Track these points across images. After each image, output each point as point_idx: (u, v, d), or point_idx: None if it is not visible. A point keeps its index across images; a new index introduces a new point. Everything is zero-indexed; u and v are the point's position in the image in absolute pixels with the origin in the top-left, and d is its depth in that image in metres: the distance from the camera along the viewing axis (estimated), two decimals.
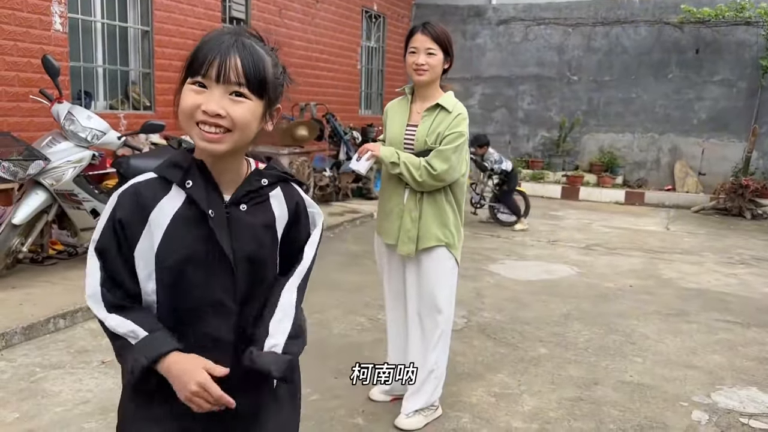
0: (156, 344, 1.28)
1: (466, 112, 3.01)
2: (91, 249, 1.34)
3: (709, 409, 3.44)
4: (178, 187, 1.32)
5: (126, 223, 1.31)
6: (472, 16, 13.18)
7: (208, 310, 1.33)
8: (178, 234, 1.30)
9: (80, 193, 4.89)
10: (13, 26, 5.55)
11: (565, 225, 8.99)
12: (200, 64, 1.25)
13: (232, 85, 1.26)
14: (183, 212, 1.31)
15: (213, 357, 1.31)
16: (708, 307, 5.28)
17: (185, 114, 1.28)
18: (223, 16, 8.15)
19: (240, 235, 1.33)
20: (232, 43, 1.27)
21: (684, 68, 11.60)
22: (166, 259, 1.31)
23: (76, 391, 3.34)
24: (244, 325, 1.37)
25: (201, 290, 1.32)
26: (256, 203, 1.37)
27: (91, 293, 1.33)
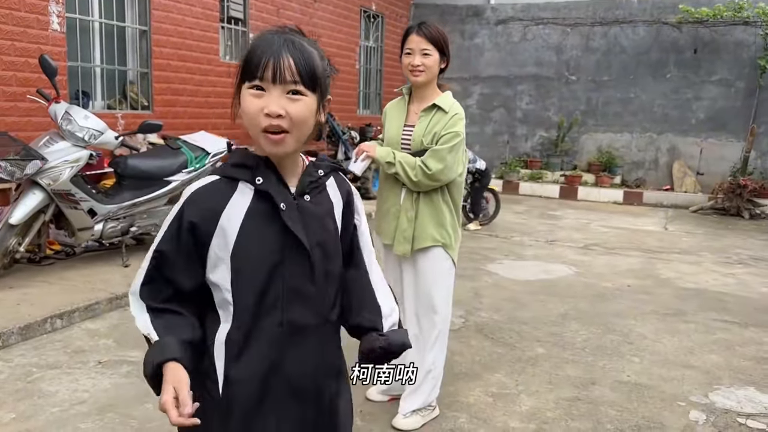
0: (161, 351, 1.33)
1: (463, 112, 3.00)
2: (151, 249, 1.40)
3: (706, 409, 3.44)
4: (245, 184, 1.38)
5: (196, 225, 1.36)
6: (471, 16, 13.18)
7: (290, 297, 1.39)
8: (253, 229, 1.37)
9: (77, 193, 4.88)
10: (10, 26, 5.54)
11: (564, 225, 8.99)
12: (255, 68, 1.30)
13: (289, 84, 1.31)
14: (254, 208, 1.37)
15: (299, 342, 1.40)
16: (706, 306, 5.28)
17: (250, 119, 1.34)
18: (221, 16, 8.14)
19: (310, 224, 1.41)
20: (282, 42, 1.32)
21: (682, 68, 11.61)
22: (244, 255, 1.36)
23: (72, 392, 3.34)
24: (323, 310, 1.44)
25: (281, 280, 1.38)
26: (317, 193, 1.45)
27: (133, 290, 1.41)
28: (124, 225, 5.35)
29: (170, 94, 7.40)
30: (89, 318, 4.38)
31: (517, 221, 9.10)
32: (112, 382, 3.47)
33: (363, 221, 1.58)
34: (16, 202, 4.66)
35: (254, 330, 1.39)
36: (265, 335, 1.38)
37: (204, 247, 1.37)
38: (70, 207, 4.86)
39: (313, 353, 1.43)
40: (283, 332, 1.39)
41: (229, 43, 8.50)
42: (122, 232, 5.35)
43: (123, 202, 5.27)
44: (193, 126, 7.38)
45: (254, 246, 1.37)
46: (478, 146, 13.36)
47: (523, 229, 8.45)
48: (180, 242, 1.37)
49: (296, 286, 1.39)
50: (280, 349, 1.40)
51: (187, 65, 7.60)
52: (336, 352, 1.52)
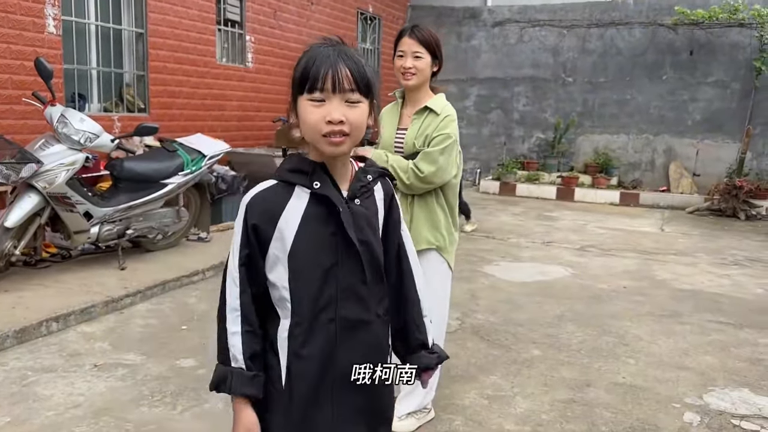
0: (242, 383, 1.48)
1: (455, 113, 3.01)
2: (234, 256, 1.50)
3: (701, 411, 3.45)
4: (302, 188, 1.48)
5: (259, 228, 1.47)
6: (468, 18, 13.20)
7: (343, 295, 1.49)
8: (309, 232, 1.47)
9: (73, 196, 4.88)
10: (6, 29, 5.54)
11: (560, 226, 9.01)
12: (315, 80, 1.39)
13: (347, 93, 1.41)
14: (311, 211, 1.47)
15: (351, 337, 1.50)
16: (701, 308, 5.30)
17: (312, 128, 1.42)
18: (217, 18, 8.14)
19: (360, 226, 1.50)
20: (337, 55, 1.42)
21: (678, 70, 11.64)
22: (301, 256, 1.47)
23: (67, 395, 3.34)
24: (372, 307, 1.55)
25: (335, 279, 1.48)
26: (366, 197, 1.55)
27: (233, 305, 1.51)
28: (121, 228, 5.35)
29: (167, 97, 7.40)
30: (85, 321, 4.38)
31: (513, 223, 9.12)
32: (107, 386, 3.47)
33: (405, 227, 1.69)
34: (11, 205, 4.65)
35: (312, 326, 1.49)
36: (321, 331, 1.49)
37: (265, 248, 1.48)
38: (66, 210, 4.86)
39: (364, 346, 1.53)
40: (337, 328, 1.49)
41: (226, 46, 8.51)
42: (118, 235, 5.35)
43: (119, 204, 5.27)
44: (190, 128, 7.39)
45: (310, 248, 1.47)
46: (475, 148, 13.41)
47: (520, 231, 8.46)
48: (251, 245, 1.48)
49: (349, 286, 1.50)
50: (335, 343, 1.50)
51: (184, 68, 7.60)
52: (385, 343, 1.61)
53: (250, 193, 1.50)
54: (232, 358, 1.49)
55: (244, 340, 1.49)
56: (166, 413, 3.20)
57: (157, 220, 5.69)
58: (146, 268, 5.40)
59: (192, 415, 3.20)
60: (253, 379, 1.49)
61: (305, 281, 1.48)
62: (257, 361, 1.51)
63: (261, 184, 1.51)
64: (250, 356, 1.50)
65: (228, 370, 1.48)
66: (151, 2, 7.05)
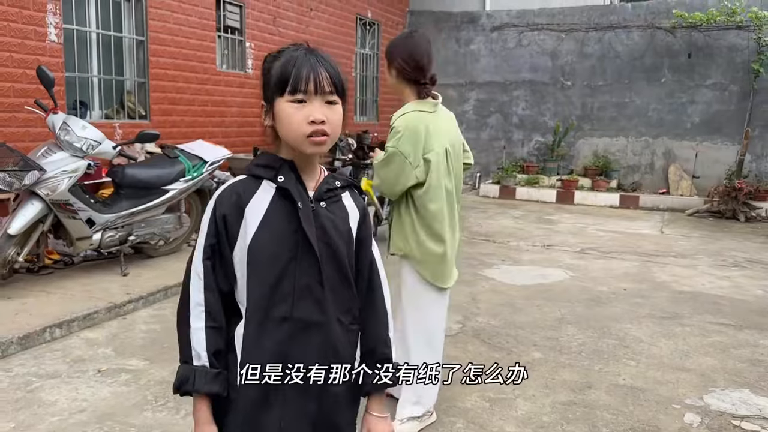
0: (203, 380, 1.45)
1: (406, 124, 2.90)
2: (198, 247, 1.49)
3: (701, 412, 3.47)
4: (268, 182, 1.49)
5: (227, 219, 1.48)
6: (466, 23, 13.26)
7: (300, 295, 1.48)
8: (271, 226, 1.47)
9: (76, 203, 4.91)
10: (8, 37, 5.59)
11: (560, 229, 9.03)
12: (297, 82, 1.43)
13: (327, 95, 1.45)
14: (274, 205, 1.48)
15: (305, 338, 1.48)
16: (701, 309, 5.32)
17: (295, 129, 1.45)
18: (217, 25, 8.19)
19: (323, 227, 1.50)
20: (316, 59, 1.46)
21: (677, 72, 11.68)
22: (259, 250, 1.46)
23: (71, 400, 3.36)
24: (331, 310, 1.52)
25: (291, 277, 1.47)
26: (333, 201, 1.55)
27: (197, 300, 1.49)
28: (123, 234, 5.38)
29: (167, 104, 7.44)
30: (88, 327, 4.40)
31: (513, 226, 9.14)
32: (111, 391, 3.49)
33: (375, 244, 1.69)
34: (14, 213, 4.68)
35: (265, 324, 1.47)
36: (274, 329, 1.47)
37: (233, 240, 1.48)
38: (68, 217, 4.89)
39: (319, 349, 1.50)
40: (291, 327, 1.47)
41: (226, 52, 8.55)
42: (120, 241, 5.38)
43: (121, 211, 5.30)
44: (191, 135, 7.43)
45: (269, 242, 1.46)
46: (474, 152, 13.39)
47: (520, 234, 8.49)
48: (219, 235, 1.48)
49: (306, 286, 1.48)
50: (287, 343, 1.47)
51: (184, 74, 7.64)
52: (345, 351, 1.55)
53: (220, 188, 1.52)
54: (194, 357, 1.46)
55: (208, 336, 1.46)
56: (170, 417, 3.22)
57: (158, 226, 5.72)
58: (148, 274, 5.43)
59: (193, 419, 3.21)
60: (217, 376, 1.46)
61: (261, 276, 1.47)
62: (221, 359, 1.48)
63: (228, 182, 1.53)
64: (214, 353, 1.47)
65: (191, 369, 1.45)
66: (152, 10, 7.09)
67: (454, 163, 3.07)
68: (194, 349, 1.46)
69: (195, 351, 1.46)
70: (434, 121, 2.99)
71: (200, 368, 1.45)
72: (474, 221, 9.44)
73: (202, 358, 1.45)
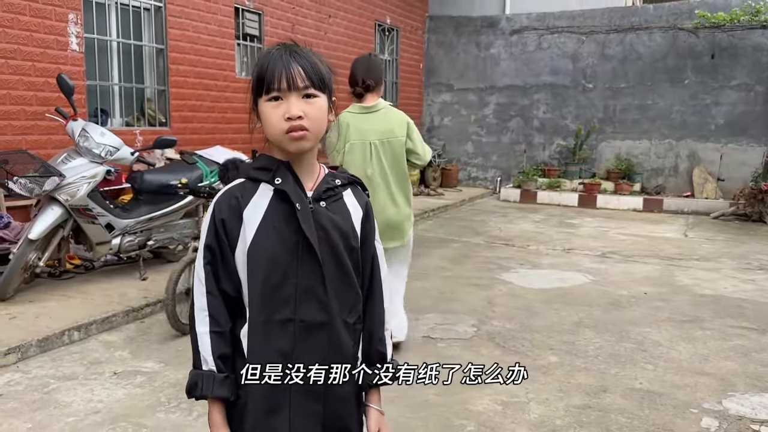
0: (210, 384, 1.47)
1: (338, 118, 3.58)
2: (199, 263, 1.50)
3: (719, 416, 3.40)
4: (266, 185, 1.49)
5: (226, 223, 1.48)
6: (486, 27, 13.22)
7: (303, 296, 1.47)
8: (270, 228, 1.46)
9: (95, 208, 4.99)
10: (30, 47, 5.71)
11: (581, 233, 8.94)
12: (270, 81, 1.43)
13: (302, 89, 1.44)
14: (272, 208, 1.47)
15: (309, 339, 1.48)
16: (723, 313, 5.22)
17: (274, 127, 1.46)
18: (236, 33, 8.28)
19: (323, 227, 1.49)
20: (289, 54, 1.46)
21: (700, 74, 11.51)
22: (259, 252, 1.46)
23: (87, 402, 3.41)
24: (335, 310, 1.51)
25: (294, 278, 1.47)
26: (333, 200, 1.54)
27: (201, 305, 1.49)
28: (141, 239, 5.45)
29: (187, 111, 7.53)
30: (106, 330, 4.46)
31: (534, 230, 9.07)
32: (126, 393, 3.53)
33: (378, 239, 1.68)
34: (35, 218, 4.78)
35: (269, 326, 1.47)
36: (279, 331, 1.47)
37: (234, 244, 1.48)
38: (87, 222, 4.97)
39: (324, 350, 1.49)
40: (295, 329, 1.47)
41: (245, 60, 8.64)
42: (139, 246, 5.45)
43: (140, 216, 5.37)
44: (210, 142, 7.51)
45: (269, 245, 1.46)
46: (495, 156, 13.39)
47: (540, 238, 8.42)
48: (219, 239, 1.48)
49: (309, 287, 1.47)
50: (291, 345, 1.47)
51: (204, 82, 7.74)
52: (348, 350, 1.55)
53: (218, 193, 1.52)
54: (202, 361, 1.47)
55: (213, 340, 1.47)
56: (182, 419, 3.25)
57: (177, 231, 5.78)
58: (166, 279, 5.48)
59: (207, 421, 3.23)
60: (224, 380, 1.47)
61: (263, 279, 1.46)
62: (228, 363, 1.49)
63: (227, 186, 1.53)
64: (220, 356, 1.48)
65: (199, 374, 1.47)
66: (171, 18, 7.20)
67: (383, 155, 3.83)
68: (201, 354, 1.47)
69: (202, 356, 1.47)
70: (359, 120, 3.85)
71: (208, 373, 1.46)
72: (493, 225, 9.39)
73: (209, 363, 1.46)
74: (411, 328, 4.69)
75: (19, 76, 5.64)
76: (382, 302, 1.65)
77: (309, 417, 1.49)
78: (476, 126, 13.53)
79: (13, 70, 5.59)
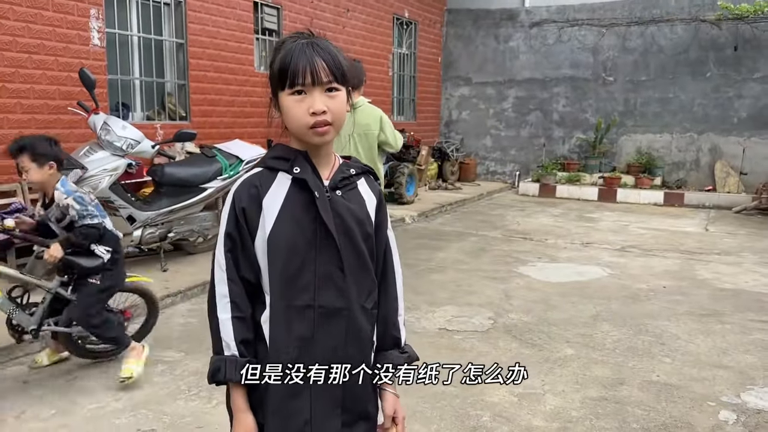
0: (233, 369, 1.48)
1: None
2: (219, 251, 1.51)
3: (737, 409, 3.38)
4: (284, 174, 1.51)
5: (246, 211, 1.50)
6: (505, 20, 13.15)
7: (321, 283, 1.50)
8: (288, 216, 1.49)
9: (116, 200, 5.07)
10: (53, 42, 5.80)
11: (601, 227, 8.88)
12: (294, 75, 1.44)
13: (325, 84, 1.45)
14: (291, 196, 1.50)
15: (329, 325, 1.51)
16: (743, 307, 5.16)
17: (298, 121, 1.47)
18: (255, 27, 8.33)
19: (340, 215, 1.52)
20: (312, 48, 1.46)
21: (723, 66, 11.35)
22: (278, 239, 1.48)
23: (108, 389, 3.48)
24: (353, 296, 1.54)
25: (313, 265, 1.50)
26: (348, 189, 1.57)
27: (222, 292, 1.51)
28: (162, 231, 5.52)
29: (207, 105, 7.60)
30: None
31: (552, 224, 9.03)
32: (146, 381, 3.59)
33: (390, 227, 1.70)
34: None
35: (289, 312, 1.50)
36: (299, 317, 1.49)
37: (254, 232, 1.50)
38: (109, 214, 5.03)
39: (343, 335, 1.52)
40: (315, 315, 1.50)
41: (264, 54, 8.68)
42: (160, 238, 5.53)
43: (161, 209, 5.44)
44: (230, 135, 7.57)
45: (288, 232, 1.48)
46: (513, 150, 13.33)
47: (558, 232, 8.38)
48: (239, 227, 1.50)
49: (327, 273, 1.50)
50: (311, 331, 1.50)
51: (223, 76, 7.80)
52: (366, 335, 1.59)
53: (237, 182, 1.53)
54: (224, 347, 1.49)
55: (235, 326, 1.50)
56: (202, 406, 3.31)
57: (197, 224, 5.85)
58: (187, 270, 5.57)
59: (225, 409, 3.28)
60: (246, 364, 1.49)
61: (282, 266, 1.49)
62: (250, 347, 1.52)
63: (245, 175, 1.55)
64: (242, 341, 1.50)
65: (222, 359, 1.49)
66: (191, 13, 7.26)
67: (359, 144, 4.29)
68: (223, 340, 1.49)
69: (224, 341, 1.49)
70: None
71: (231, 358, 1.48)
72: (511, 219, 9.36)
73: (231, 348, 1.49)
74: (428, 320, 4.72)
75: (42, 71, 5.74)
76: (395, 288, 1.68)
77: (329, 400, 1.52)
78: (495, 120, 13.48)
79: (36, 65, 5.69)
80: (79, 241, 3.39)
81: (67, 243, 3.37)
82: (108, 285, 3.55)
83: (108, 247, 3.50)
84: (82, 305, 3.47)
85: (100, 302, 3.54)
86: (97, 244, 3.46)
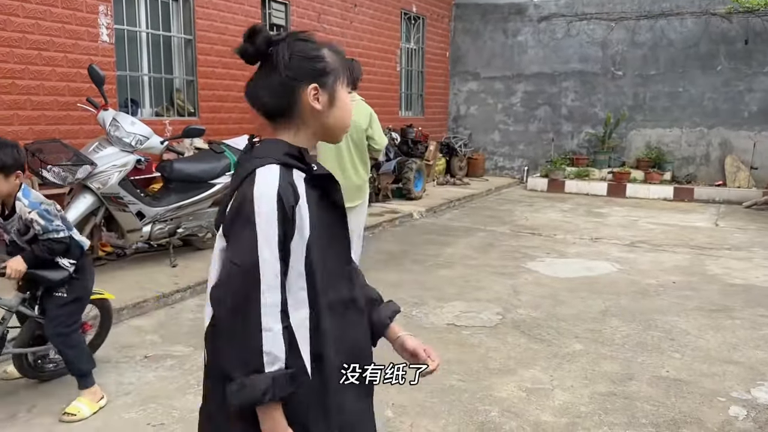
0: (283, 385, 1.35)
1: None
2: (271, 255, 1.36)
3: (747, 405, 3.36)
4: (297, 171, 1.46)
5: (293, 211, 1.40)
6: (513, 14, 13.09)
7: (339, 278, 1.53)
8: (315, 214, 1.46)
9: (126, 196, 5.09)
10: (63, 38, 5.83)
11: (610, 222, 8.84)
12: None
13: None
14: (311, 193, 1.46)
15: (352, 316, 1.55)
16: (754, 302, 5.13)
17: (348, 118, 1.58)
18: (263, 23, 8.33)
19: None
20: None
21: (733, 60, 11.26)
22: (314, 240, 1.44)
23: (118, 384, 3.50)
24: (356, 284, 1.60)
25: (336, 260, 1.53)
26: None
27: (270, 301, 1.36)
28: (171, 227, 5.55)
29: (216, 101, 7.61)
30: (137, 315, 4.57)
31: (561, 219, 9.00)
32: (156, 375, 3.62)
33: None
34: (68, 206, 4.89)
35: (323, 309, 1.46)
36: (328, 313, 1.48)
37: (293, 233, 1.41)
38: (119, 209, 5.08)
39: (359, 323, 1.59)
40: (342, 309, 1.52)
41: None
42: (169, 234, 5.55)
43: (169, 204, 5.46)
44: (239, 132, 7.58)
45: (318, 231, 1.45)
46: (522, 144, 13.29)
47: (567, 227, 8.35)
48: (287, 228, 1.38)
49: (339, 266, 1.54)
50: (342, 324, 1.52)
51: (231, 72, 7.80)
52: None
53: (272, 181, 1.38)
54: (268, 363, 1.34)
55: (285, 338, 1.37)
56: None
57: (206, 219, 5.87)
58: (196, 266, 5.59)
59: None
60: (292, 376, 1.38)
61: (316, 265, 1.44)
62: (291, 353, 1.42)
63: (267, 171, 1.41)
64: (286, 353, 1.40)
65: (267, 378, 1.33)
66: (199, 9, 7.27)
67: (350, 137, 4.40)
68: (269, 354, 1.33)
69: (271, 355, 1.34)
70: None
71: (278, 373, 1.34)
72: (520, 214, 9.34)
73: (280, 361, 1.35)
74: (436, 315, 4.72)
75: (51, 67, 5.77)
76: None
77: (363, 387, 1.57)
78: (503, 115, 13.43)
79: (46, 62, 5.72)
80: (43, 256, 3.11)
81: (32, 257, 3.08)
82: (76, 296, 3.25)
83: (72, 260, 3.21)
84: (54, 322, 3.18)
85: (71, 315, 3.25)
86: (62, 256, 3.19)
